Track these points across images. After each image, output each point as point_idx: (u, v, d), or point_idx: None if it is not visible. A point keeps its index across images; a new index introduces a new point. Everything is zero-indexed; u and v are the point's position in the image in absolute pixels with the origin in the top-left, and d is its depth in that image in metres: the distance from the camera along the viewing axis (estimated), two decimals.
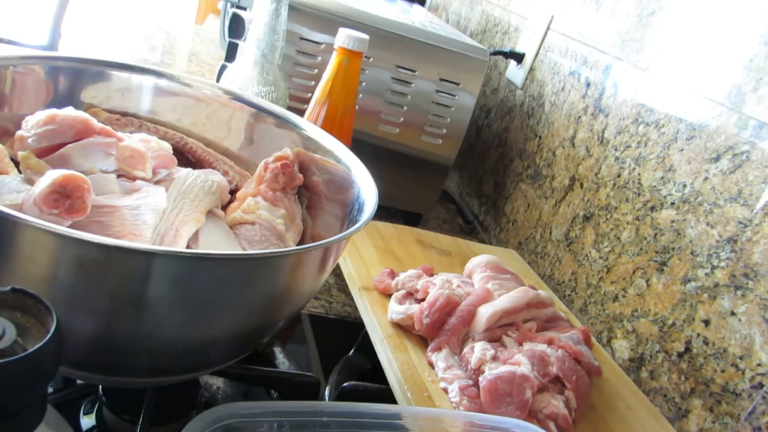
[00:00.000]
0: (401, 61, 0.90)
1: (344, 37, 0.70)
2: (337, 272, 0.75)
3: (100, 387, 0.47)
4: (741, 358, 0.57)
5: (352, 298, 0.67)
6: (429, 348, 0.57)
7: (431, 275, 0.66)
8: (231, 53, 0.88)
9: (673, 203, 0.68)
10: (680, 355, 0.63)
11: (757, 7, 0.64)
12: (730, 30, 0.66)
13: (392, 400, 0.53)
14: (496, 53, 1.08)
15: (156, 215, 0.45)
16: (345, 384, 0.57)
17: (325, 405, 0.44)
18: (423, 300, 0.60)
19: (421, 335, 0.59)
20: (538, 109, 1.01)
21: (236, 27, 0.88)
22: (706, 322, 0.61)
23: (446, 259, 0.79)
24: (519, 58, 1.09)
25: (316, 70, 0.88)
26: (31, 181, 0.44)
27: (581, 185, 0.85)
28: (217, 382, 0.56)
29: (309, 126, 0.60)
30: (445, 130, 0.95)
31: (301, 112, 0.67)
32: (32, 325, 0.28)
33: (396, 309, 0.60)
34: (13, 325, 0.27)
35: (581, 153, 0.87)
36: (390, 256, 0.74)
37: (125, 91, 0.59)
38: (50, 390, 0.47)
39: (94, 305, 0.35)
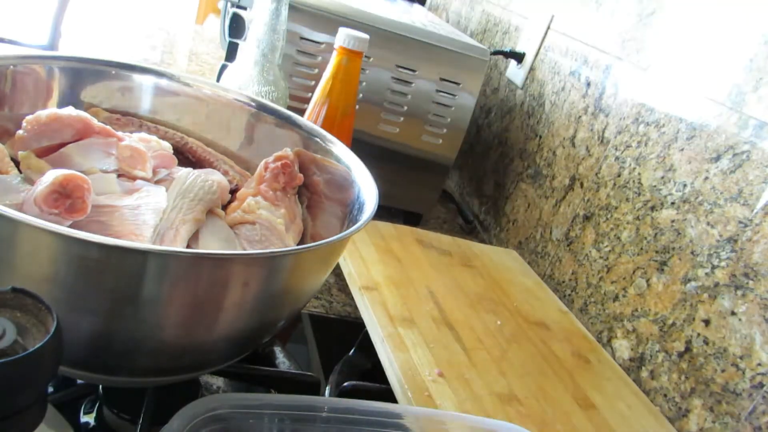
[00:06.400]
0: (401, 61, 0.90)
1: (344, 37, 0.70)
2: (338, 272, 0.75)
3: (101, 387, 0.47)
4: (741, 357, 0.57)
5: (352, 298, 0.67)
6: None
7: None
8: (231, 53, 0.88)
9: (673, 203, 0.68)
10: (680, 355, 0.63)
11: (757, 7, 0.64)
12: (730, 30, 0.66)
13: (393, 400, 0.53)
14: (496, 53, 1.08)
15: (156, 215, 0.45)
16: (345, 383, 0.57)
17: (316, 399, 0.44)
18: None
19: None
20: (538, 108, 1.01)
21: (236, 27, 0.88)
22: (707, 322, 0.61)
23: (446, 259, 0.79)
24: (519, 57, 1.08)
25: (317, 70, 0.88)
26: (31, 181, 0.44)
27: (581, 185, 0.85)
28: (218, 382, 0.56)
29: (309, 125, 0.60)
30: (445, 130, 0.94)
31: (301, 112, 0.67)
32: (32, 325, 0.28)
33: None
34: (13, 325, 0.27)
35: (581, 153, 0.87)
36: (390, 255, 0.74)
37: (125, 90, 0.59)
38: (50, 390, 0.47)
39: (94, 305, 0.35)
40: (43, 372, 0.27)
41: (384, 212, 0.99)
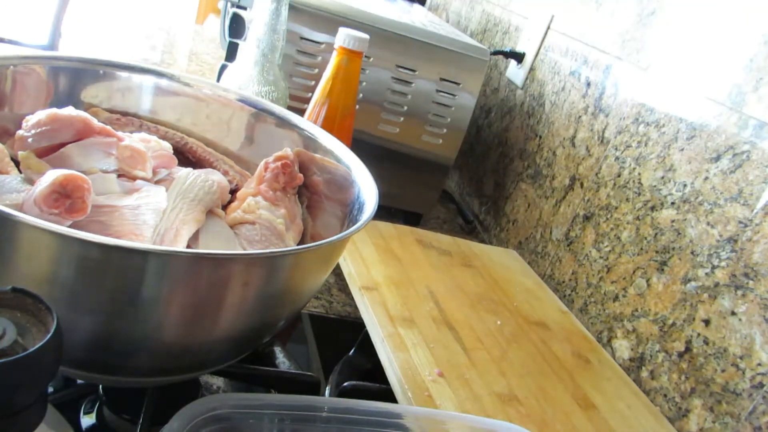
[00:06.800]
0: (401, 61, 0.90)
1: (344, 37, 0.70)
2: (338, 272, 0.75)
3: (101, 387, 0.47)
4: (741, 357, 0.57)
5: (352, 298, 0.67)
6: None
7: None
8: (231, 53, 0.88)
9: (673, 203, 0.68)
10: (680, 355, 0.63)
11: (757, 7, 0.64)
12: (730, 30, 0.66)
13: (393, 400, 0.53)
14: (496, 53, 1.08)
15: (156, 215, 0.45)
16: (345, 383, 0.58)
17: (316, 399, 0.44)
18: None
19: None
20: (538, 108, 1.01)
21: (236, 27, 0.88)
22: (707, 322, 0.61)
23: (446, 259, 0.79)
24: (519, 57, 1.08)
25: (317, 70, 0.88)
26: (31, 181, 0.44)
27: (581, 185, 0.85)
28: (218, 382, 0.56)
29: (309, 126, 0.60)
30: (445, 130, 0.94)
31: (301, 112, 0.67)
32: (32, 325, 0.28)
33: None
34: (14, 324, 0.27)
35: (581, 153, 0.87)
36: (390, 255, 0.74)
37: (125, 90, 0.59)
38: (50, 390, 0.47)
39: (94, 305, 0.35)
40: (43, 372, 0.27)
41: (384, 212, 0.99)
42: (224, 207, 0.52)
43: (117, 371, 0.41)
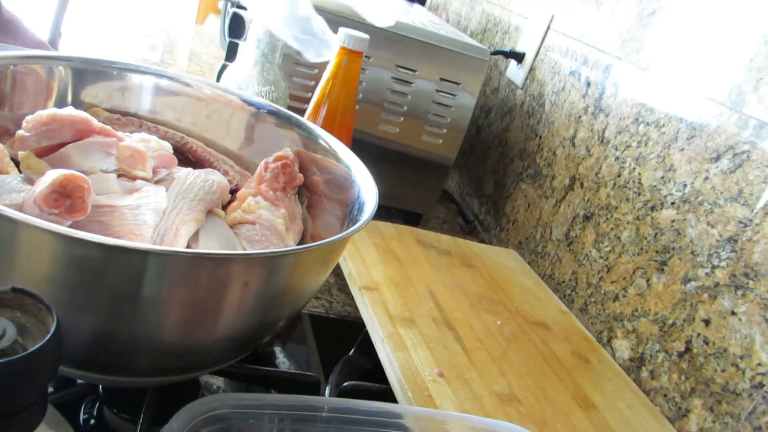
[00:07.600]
0: (401, 61, 0.90)
1: (344, 37, 0.70)
2: (338, 272, 0.75)
3: (101, 386, 0.47)
4: (741, 357, 0.57)
5: (352, 298, 0.67)
6: None
7: None
8: (231, 53, 0.88)
9: (673, 203, 0.68)
10: (680, 355, 0.63)
11: (757, 7, 0.64)
12: (730, 30, 0.66)
13: (393, 400, 0.53)
14: (496, 53, 1.08)
15: (156, 215, 0.45)
16: (345, 383, 0.58)
17: (316, 399, 0.44)
18: None
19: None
20: (538, 108, 1.01)
21: (236, 27, 0.88)
22: (707, 322, 0.61)
23: (446, 259, 0.79)
24: (519, 57, 1.08)
25: (317, 70, 0.88)
26: (31, 181, 0.44)
27: (581, 185, 0.85)
28: (218, 382, 0.56)
29: (309, 125, 0.60)
30: (445, 130, 0.94)
31: (301, 112, 0.67)
32: (32, 325, 0.28)
33: None
34: (14, 324, 0.27)
35: (581, 152, 0.87)
36: (390, 255, 0.74)
37: (125, 90, 0.59)
38: (50, 389, 0.47)
39: (94, 305, 0.35)
40: (43, 372, 0.27)
41: (384, 212, 0.98)
42: (224, 207, 0.52)
43: (117, 371, 0.41)
